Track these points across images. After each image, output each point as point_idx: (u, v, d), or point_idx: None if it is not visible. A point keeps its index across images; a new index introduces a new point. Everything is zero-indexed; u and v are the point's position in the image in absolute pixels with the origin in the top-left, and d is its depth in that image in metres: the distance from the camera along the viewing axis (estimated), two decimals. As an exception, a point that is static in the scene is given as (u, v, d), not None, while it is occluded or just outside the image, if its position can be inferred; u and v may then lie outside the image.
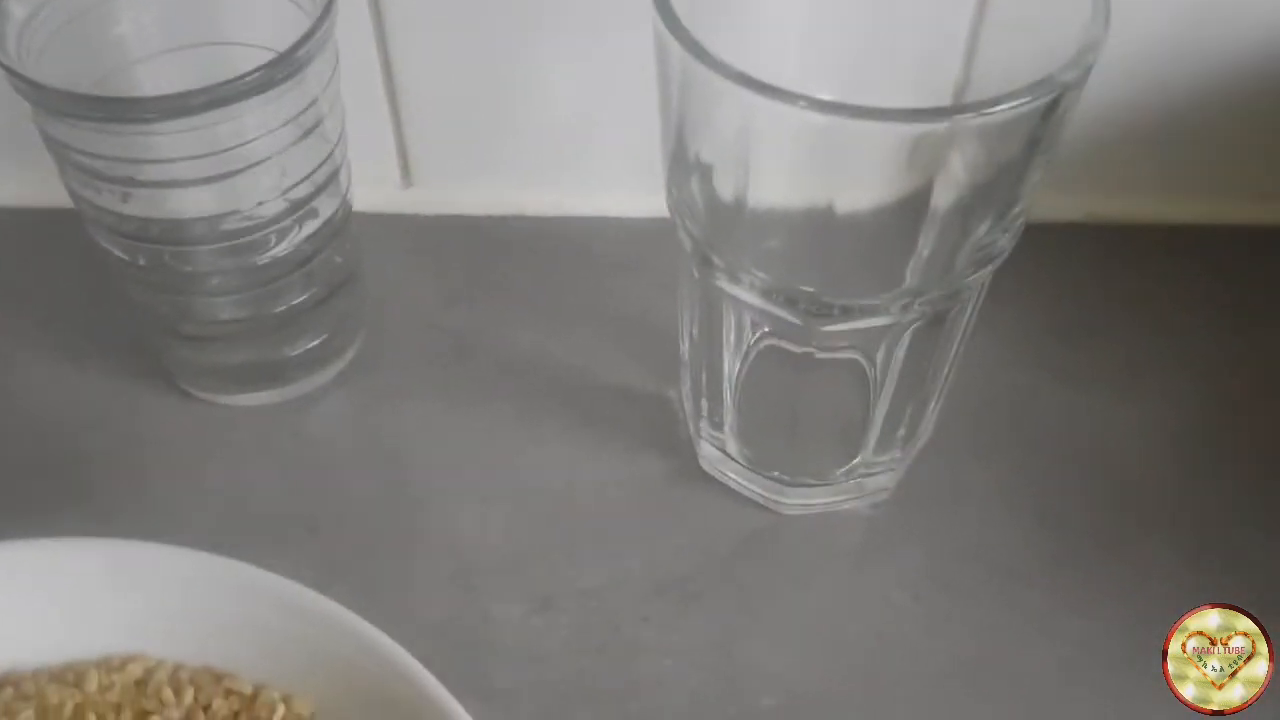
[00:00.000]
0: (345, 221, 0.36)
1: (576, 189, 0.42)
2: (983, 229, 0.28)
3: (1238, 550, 0.34)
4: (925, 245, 0.28)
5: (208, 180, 0.32)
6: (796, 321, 0.29)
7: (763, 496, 0.35)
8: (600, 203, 0.42)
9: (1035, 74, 0.25)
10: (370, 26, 0.38)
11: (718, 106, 0.27)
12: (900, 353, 0.31)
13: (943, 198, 0.27)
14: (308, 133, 0.33)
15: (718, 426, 0.34)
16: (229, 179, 0.32)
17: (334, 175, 0.35)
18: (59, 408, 0.37)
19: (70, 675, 0.26)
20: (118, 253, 0.33)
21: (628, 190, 0.42)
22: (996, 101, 0.24)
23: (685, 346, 0.34)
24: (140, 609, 0.26)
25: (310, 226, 0.35)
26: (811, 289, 0.29)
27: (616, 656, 0.32)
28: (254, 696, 0.25)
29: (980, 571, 0.34)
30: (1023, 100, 0.24)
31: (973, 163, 0.27)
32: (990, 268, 0.29)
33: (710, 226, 0.30)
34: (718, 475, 0.35)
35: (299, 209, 0.34)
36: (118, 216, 0.32)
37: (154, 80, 0.33)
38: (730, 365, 0.33)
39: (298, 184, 0.34)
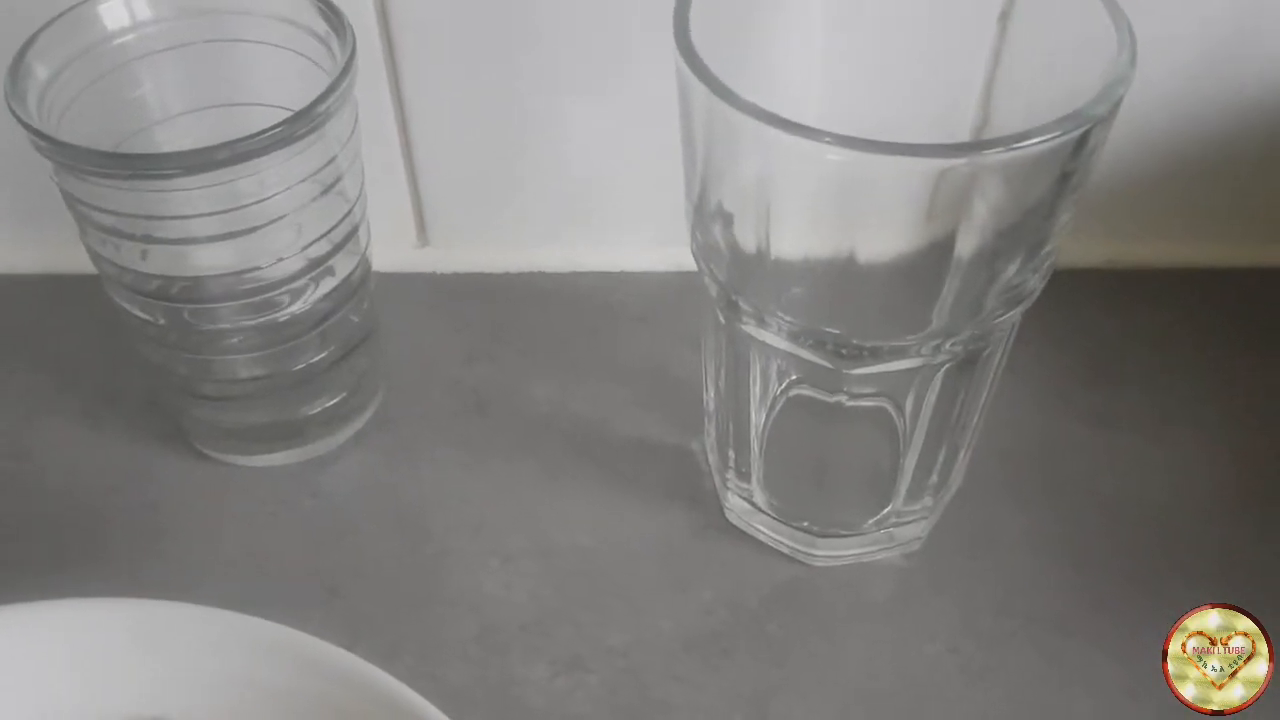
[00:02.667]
0: (363, 281, 0.36)
1: (591, 244, 0.42)
2: (1012, 269, 0.28)
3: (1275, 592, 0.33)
4: (953, 286, 0.28)
5: (226, 237, 0.32)
6: (826, 364, 0.29)
7: (792, 548, 0.34)
8: (615, 257, 0.42)
9: (1055, 115, 0.25)
10: (386, 87, 0.38)
11: (741, 147, 0.27)
12: (931, 397, 0.30)
13: (970, 238, 0.27)
14: (327, 190, 0.33)
15: (745, 477, 0.34)
16: (247, 236, 0.32)
17: (352, 234, 0.35)
18: (77, 470, 0.36)
19: (92, 741, 0.25)
20: (137, 312, 0.33)
21: (642, 244, 0.42)
22: (1026, 136, 0.24)
23: (710, 396, 0.34)
24: (165, 671, 0.25)
25: (327, 285, 0.35)
26: (839, 331, 0.28)
27: (647, 718, 0.31)
28: (280, 761, 0.25)
29: (1015, 621, 0.33)
30: (1053, 135, 0.24)
31: (1000, 201, 0.27)
32: (1020, 308, 0.29)
33: (735, 272, 0.29)
34: (745, 527, 0.35)
35: (316, 267, 0.34)
36: (138, 275, 0.32)
37: (173, 141, 0.33)
38: (757, 415, 0.33)
39: (315, 241, 0.33)
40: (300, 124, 0.30)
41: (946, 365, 0.29)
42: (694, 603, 0.33)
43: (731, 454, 0.34)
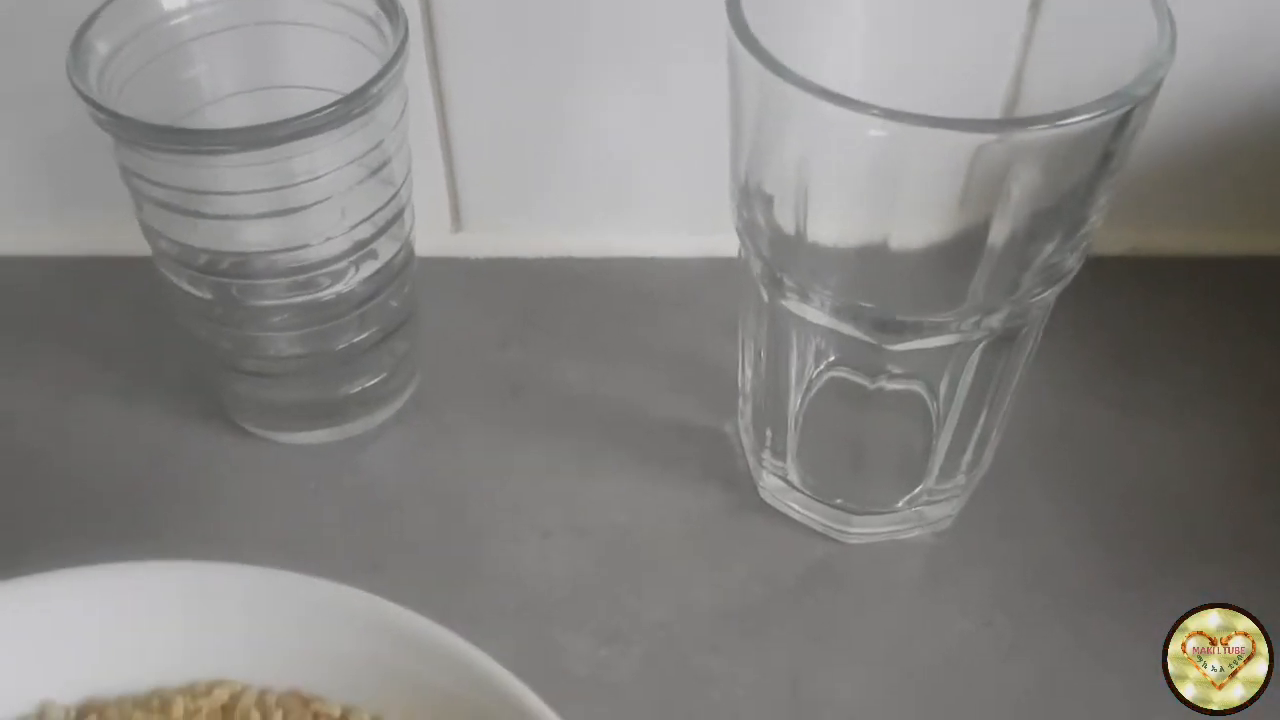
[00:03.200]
0: (405, 265, 0.36)
1: (624, 231, 0.43)
2: (1049, 249, 0.29)
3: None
4: (990, 265, 0.28)
5: (273, 215, 0.32)
6: (868, 340, 0.29)
7: (825, 526, 0.35)
8: (647, 243, 0.43)
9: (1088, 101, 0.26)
10: (427, 75, 0.39)
11: (787, 123, 0.27)
12: (966, 377, 0.31)
13: (1007, 218, 0.28)
14: (373, 173, 0.33)
15: (780, 456, 0.34)
16: (294, 215, 0.32)
17: (396, 218, 0.35)
18: (117, 446, 0.37)
19: (155, 702, 0.25)
20: (185, 286, 0.34)
21: (674, 231, 0.43)
22: (1070, 113, 0.25)
23: (748, 377, 0.35)
24: (223, 634, 0.26)
25: (369, 268, 0.35)
26: (880, 307, 0.29)
27: (687, 687, 0.32)
28: (343, 718, 0.25)
29: (1045, 597, 0.34)
30: (1096, 113, 0.25)
31: (1037, 182, 0.27)
32: (1058, 287, 0.29)
33: (776, 251, 0.30)
34: (779, 505, 0.35)
35: (359, 250, 0.35)
36: (188, 249, 0.33)
37: (224, 121, 0.34)
38: (794, 396, 0.33)
39: (359, 224, 0.34)
40: (354, 104, 0.30)
41: (983, 344, 0.30)
42: (730, 578, 0.34)
43: (768, 433, 0.34)
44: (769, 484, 0.35)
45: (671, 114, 0.40)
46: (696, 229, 0.42)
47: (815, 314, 0.30)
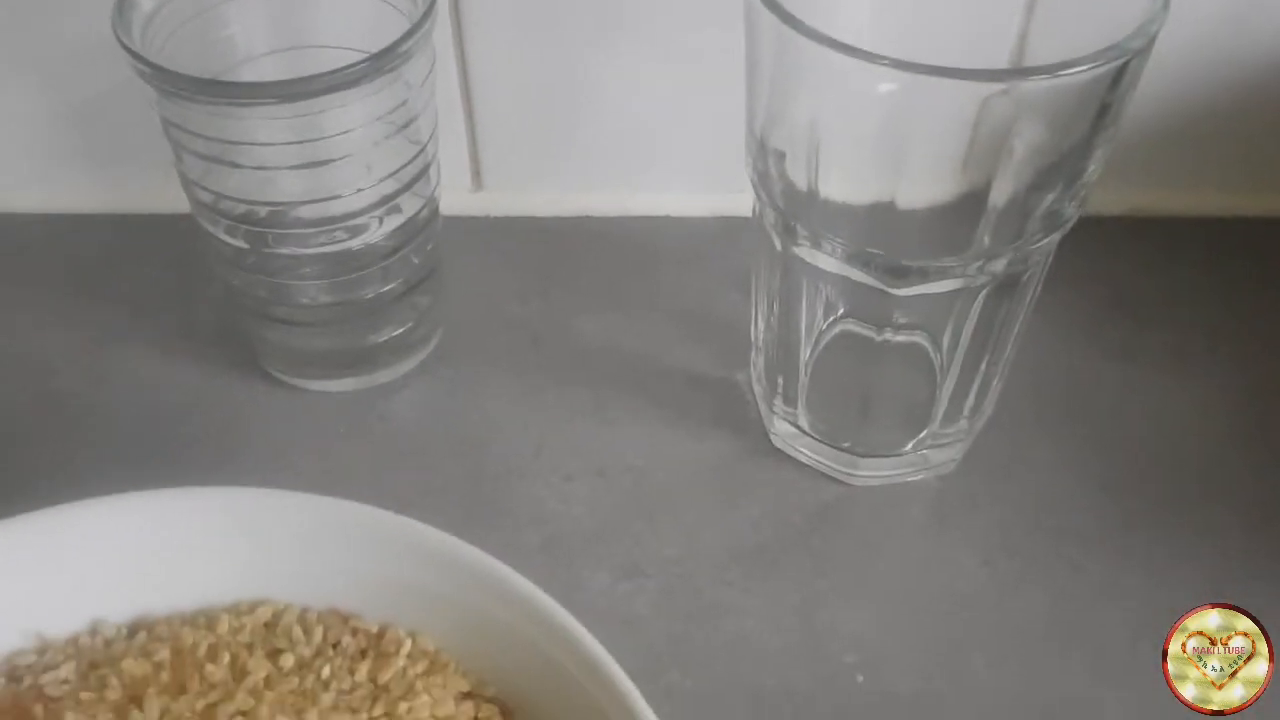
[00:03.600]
0: (429, 221, 0.38)
1: (639, 190, 0.44)
2: (1050, 198, 0.30)
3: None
4: (993, 213, 0.30)
5: (303, 167, 0.34)
6: (877, 284, 0.31)
7: (834, 469, 0.36)
8: (661, 203, 0.44)
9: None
10: (451, 38, 0.40)
11: (801, 76, 0.29)
12: (969, 326, 0.32)
13: (1009, 170, 0.29)
14: (399, 130, 0.35)
15: (791, 403, 0.36)
16: (322, 168, 0.34)
17: (421, 175, 0.36)
18: (153, 393, 0.38)
19: (202, 619, 0.27)
20: (221, 235, 0.35)
21: (687, 191, 0.44)
22: (1069, 64, 0.26)
23: (761, 329, 0.36)
24: (267, 556, 0.27)
25: (393, 223, 0.36)
26: (888, 253, 0.30)
27: (703, 619, 0.33)
28: (380, 634, 0.27)
29: (1045, 537, 0.35)
30: (1094, 64, 0.26)
31: (1039, 135, 0.29)
32: (1058, 234, 0.31)
33: (788, 203, 0.32)
34: (789, 450, 0.37)
35: (384, 204, 0.36)
36: (225, 199, 0.34)
37: (257, 79, 0.35)
38: (805, 346, 0.35)
39: (384, 180, 0.35)
40: (383, 61, 0.32)
41: (986, 290, 0.31)
42: (742, 518, 0.35)
43: (780, 381, 0.36)
44: (780, 429, 0.37)
45: (688, 78, 0.41)
46: (709, 189, 0.44)
47: (827, 260, 0.31)
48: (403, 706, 0.25)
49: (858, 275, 0.31)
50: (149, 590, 0.27)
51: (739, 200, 0.43)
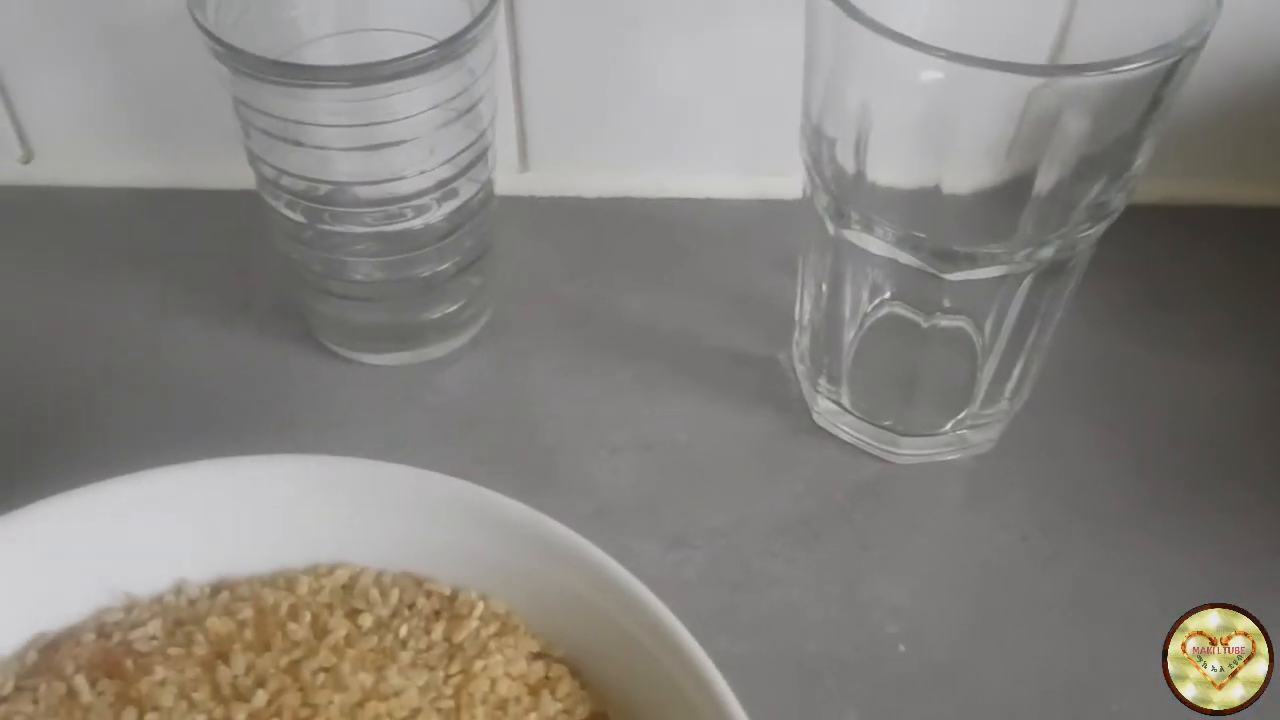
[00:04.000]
0: (484, 205, 0.39)
1: (681, 173, 0.45)
2: (1096, 189, 0.31)
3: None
4: (1038, 204, 0.31)
5: (366, 149, 0.35)
6: (927, 268, 0.32)
7: (874, 446, 0.37)
8: (702, 185, 0.45)
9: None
10: (504, 25, 0.41)
11: (855, 64, 0.30)
12: (1014, 311, 0.33)
13: (1055, 163, 0.30)
14: (460, 116, 0.36)
15: (835, 381, 0.37)
16: (384, 150, 0.35)
17: (479, 159, 0.37)
18: (211, 365, 0.40)
19: (281, 580, 0.28)
20: (283, 210, 0.36)
21: (727, 174, 0.45)
22: (1124, 61, 0.27)
23: (807, 309, 0.37)
24: (341, 521, 0.28)
25: (449, 205, 0.37)
26: (938, 238, 0.31)
27: (749, 588, 0.34)
28: (453, 597, 0.28)
29: (1079, 515, 0.36)
30: (1146, 62, 0.27)
31: (1085, 128, 0.30)
32: (1104, 224, 0.32)
33: (839, 187, 0.33)
34: (831, 428, 0.38)
35: (442, 188, 0.37)
36: (288, 175, 0.35)
37: (320, 60, 0.36)
38: (849, 327, 0.36)
39: (443, 164, 0.36)
40: (451, 48, 0.33)
41: (1030, 276, 0.32)
42: (785, 493, 0.37)
43: (825, 360, 0.37)
44: (822, 407, 0.38)
45: (729, 62, 0.42)
46: (749, 172, 0.45)
47: (877, 244, 0.32)
48: (478, 665, 0.26)
49: (907, 259, 0.32)
50: (229, 553, 0.28)
51: (778, 183, 0.44)
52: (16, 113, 0.44)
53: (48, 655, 0.27)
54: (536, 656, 0.27)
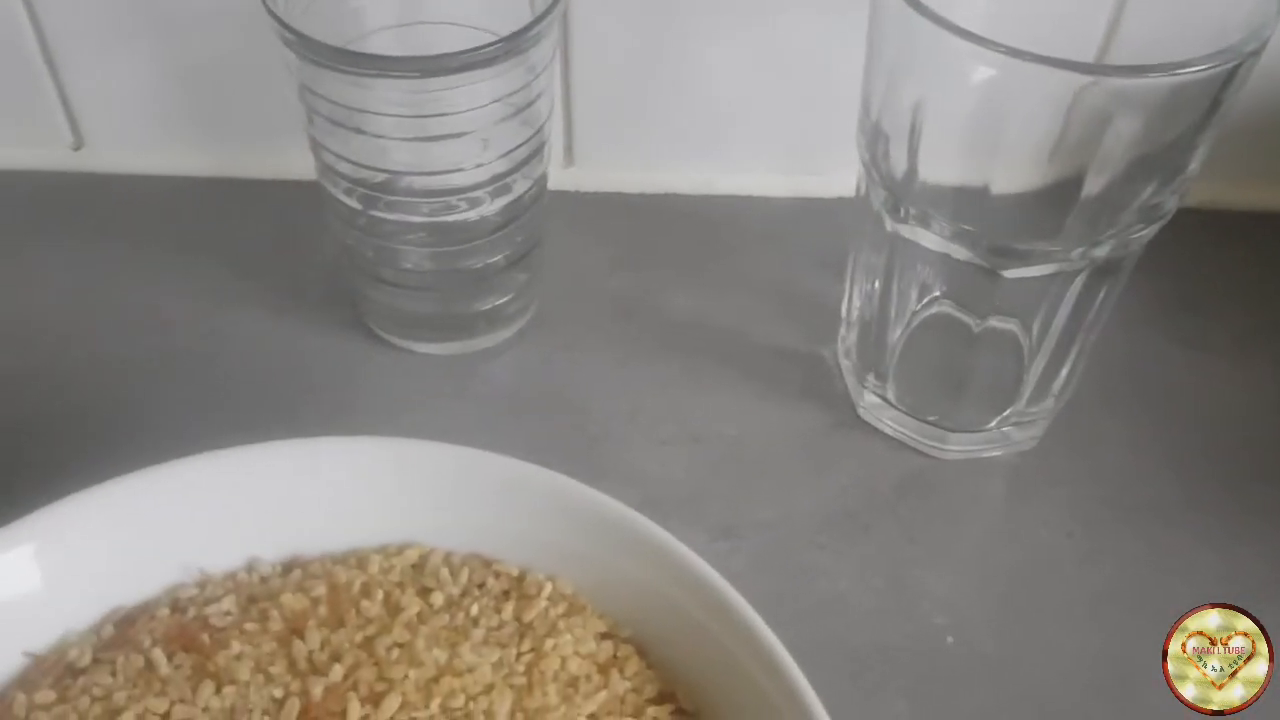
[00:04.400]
0: (536, 200, 0.39)
1: (723, 171, 0.46)
2: (1149, 191, 0.31)
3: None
4: (1089, 205, 0.31)
5: (423, 139, 0.35)
6: (983, 263, 0.32)
7: (919, 441, 0.38)
8: (745, 183, 0.46)
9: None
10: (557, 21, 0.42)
11: (914, 60, 0.30)
12: (1065, 308, 0.34)
13: (1106, 164, 0.30)
14: (518, 111, 0.36)
15: (882, 377, 0.38)
16: (441, 142, 0.36)
17: (534, 155, 0.38)
18: (263, 351, 0.40)
19: (353, 559, 0.29)
20: (340, 195, 0.37)
21: (770, 172, 0.46)
22: (1185, 64, 0.28)
23: (857, 305, 0.38)
24: (411, 502, 0.29)
25: (502, 200, 0.38)
26: (991, 236, 0.32)
27: (798, 578, 0.35)
28: (520, 577, 0.28)
29: (1121, 512, 0.37)
30: (1205, 66, 0.28)
31: (1136, 130, 0.30)
32: (1157, 225, 0.32)
33: (893, 183, 0.33)
34: (876, 423, 0.38)
35: (496, 182, 0.37)
36: (346, 162, 0.36)
37: (381, 50, 0.36)
38: (897, 324, 0.36)
39: (499, 158, 0.37)
40: (515, 43, 0.33)
41: (1083, 275, 0.33)
42: (831, 486, 0.37)
43: (872, 355, 0.37)
44: (868, 402, 0.38)
45: (773, 62, 0.43)
46: (790, 170, 0.45)
47: (933, 239, 0.33)
48: (548, 643, 0.27)
49: (963, 254, 0.33)
50: (301, 531, 0.29)
51: (819, 182, 0.45)
52: (68, 100, 0.45)
53: (124, 629, 0.27)
54: (604, 636, 0.28)
